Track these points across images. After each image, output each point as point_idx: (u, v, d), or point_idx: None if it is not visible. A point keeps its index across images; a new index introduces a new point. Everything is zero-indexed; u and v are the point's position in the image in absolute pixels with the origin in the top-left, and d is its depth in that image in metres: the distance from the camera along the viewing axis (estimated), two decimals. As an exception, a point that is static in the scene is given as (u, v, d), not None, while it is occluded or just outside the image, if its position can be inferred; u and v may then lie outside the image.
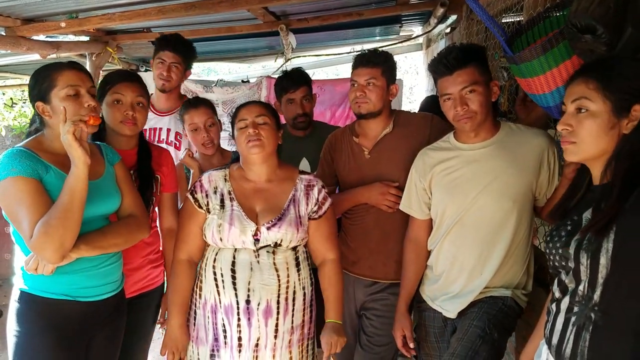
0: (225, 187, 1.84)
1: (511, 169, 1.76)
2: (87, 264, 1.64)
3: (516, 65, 1.57)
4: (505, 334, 1.80)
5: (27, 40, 3.47)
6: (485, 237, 1.81)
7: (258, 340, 1.77)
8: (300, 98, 2.58)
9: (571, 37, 1.38)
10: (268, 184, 1.87)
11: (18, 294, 1.64)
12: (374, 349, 2.26)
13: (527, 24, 1.69)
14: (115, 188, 1.77)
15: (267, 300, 1.76)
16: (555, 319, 1.30)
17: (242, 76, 6.28)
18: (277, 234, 1.77)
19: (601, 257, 1.16)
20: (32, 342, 1.60)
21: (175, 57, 2.69)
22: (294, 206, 1.84)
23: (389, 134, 2.16)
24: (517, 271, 1.86)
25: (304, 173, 1.93)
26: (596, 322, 1.18)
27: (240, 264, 1.76)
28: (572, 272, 1.25)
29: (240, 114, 1.85)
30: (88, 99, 1.64)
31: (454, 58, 1.72)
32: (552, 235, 1.34)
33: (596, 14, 1.30)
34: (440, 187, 1.89)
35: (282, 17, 4.09)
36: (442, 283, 1.94)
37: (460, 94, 1.74)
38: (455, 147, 1.88)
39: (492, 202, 1.78)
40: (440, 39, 4.94)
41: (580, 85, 1.25)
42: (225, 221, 1.76)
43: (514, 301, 1.84)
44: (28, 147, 1.59)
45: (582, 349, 1.20)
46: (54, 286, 1.62)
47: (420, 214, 2.00)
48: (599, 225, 1.17)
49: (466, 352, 1.70)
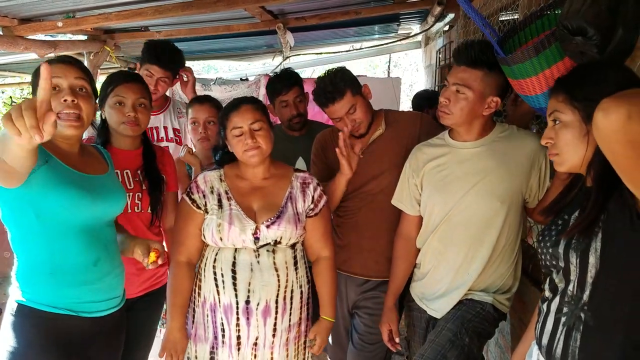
0: (222, 187, 1.84)
1: (501, 170, 1.77)
2: (92, 276, 1.56)
3: (508, 66, 1.56)
4: (479, 340, 1.79)
5: (24, 39, 3.47)
6: (472, 236, 1.82)
7: (257, 339, 1.78)
8: (293, 99, 2.58)
9: (562, 38, 1.38)
10: (264, 181, 1.87)
11: (15, 306, 1.52)
12: (367, 347, 2.28)
13: (519, 25, 1.68)
14: (120, 187, 1.74)
15: (267, 300, 1.76)
16: (546, 320, 1.30)
17: (242, 74, 6.29)
18: (277, 232, 1.77)
19: (590, 256, 1.17)
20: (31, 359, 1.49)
21: (163, 73, 2.68)
22: (291, 203, 1.85)
23: (382, 134, 2.18)
24: (503, 273, 1.86)
25: (298, 171, 1.94)
26: (586, 322, 1.19)
27: (241, 265, 1.76)
28: (562, 272, 1.26)
29: (233, 120, 1.81)
30: (66, 94, 1.52)
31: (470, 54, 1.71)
32: (544, 234, 1.35)
33: (587, 15, 1.30)
34: (431, 184, 1.90)
35: (280, 16, 4.09)
36: (428, 281, 1.96)
37: (452, 89, 1.75)
38: (448, 144, 1.89)
39: (479, 202, 1.79)
40: (439, 37, 4.94)
41: (552, 100, 1.30)
42: (224, 221, 1.76)
43: (493, 307, 1.83)
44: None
45: (573, 350, 1.21)
46: (57, 299, 1.52)
47: (411, 209, 2.01)
48: (581, 227, 1.19)
49: (435, 355, 1.71)
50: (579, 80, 1.25)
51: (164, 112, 2.86)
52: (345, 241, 2.29)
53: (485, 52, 1.68)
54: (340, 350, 2.46)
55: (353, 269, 2.26)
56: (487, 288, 1.85)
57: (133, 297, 2.01)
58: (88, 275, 1.55)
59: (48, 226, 1.49)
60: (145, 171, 2.03)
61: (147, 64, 2.65)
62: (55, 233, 1.50)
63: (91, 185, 1.58)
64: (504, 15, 2.88)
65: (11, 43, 3.36)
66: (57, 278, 1.51)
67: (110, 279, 1.63)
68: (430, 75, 5.47)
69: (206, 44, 5.03)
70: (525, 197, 1.82)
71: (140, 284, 2.04)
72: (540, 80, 1.50)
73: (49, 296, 1.51)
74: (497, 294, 1.85)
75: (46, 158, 1.47)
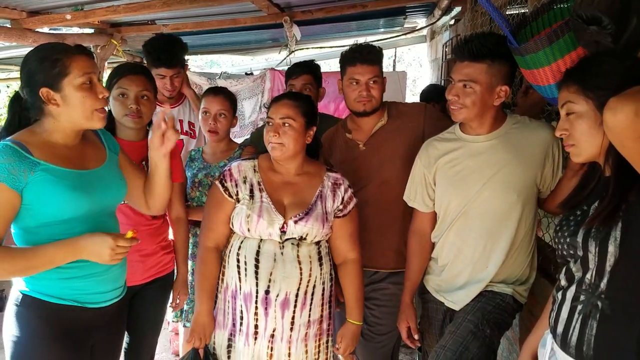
0: (255, 178, 1.85)
1: (515, 162, 1.76)
2: (98, 267, 1.55)
3: (521, 56, 1.56)
4: (499, 331, 1.80)
5: (32, 32, 3.49)
6: (489, 229, 1.81)
7: (274, 331, 1.79)
8: (301, 85, 2.63)
9: (577, 28, 1.38)
10: (296, 177, 1.88)
11: (20, 296, 1.52)
12: (376, 338, 2.29)
13: (531, 15, 1.68)
14: (119, 175, 1.69)
15: (287, 292, 1.77)
16: (561, 308, 1.30)
17: (246, 68, 6.29)
18: (304, 228, 1.78)
19: (610, 245, 1.17)
20: (36, 349, 1.51)
21: (172, 70, 2.67)
22: (321, 202, 1.85)
23: (384, 125, 2.18)
24: (521, 264, 1.86)
25: (331, 170, 1.94)
26: (603, 310, 1.19)
27: (265, 254, 1.77)
28: (580, 260, 1.26)
29: (271, 109, 1.85)
30: (102, 89, 1.54)
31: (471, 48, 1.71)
32: (562, 224, 1.35)
33: (602, 5, 1.31)
34: (445, 179, 1.89)
35: (286, 9, 4.09)
36: (446, 275, 1.95)
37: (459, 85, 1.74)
38: (460, 138, 1.88)
39: (496, 195, 1.78)
40: (445, 30, 4.93)
41: (564, 91, 1.30)
42: (254, 212, 1.77)
43: (512, 298, 1.83)
44: (19, 140, 1.45)
45: (589, 338, 1.21)
46: (63, 291, 1.52)
47: (423, 207, 2.00)
48: (602, 216, 1.19)
49: (457, 347, 1.71)
50: (589, 70, 1.25)
51: (180, 105, 2.86)
52: None
53: (485, 44, 1.68)
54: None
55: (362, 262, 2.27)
56: (506, 279, 1.85)
57: (138, 284, 2.04)
58: (95, 268, 1.55)
59: (50, 227, 1.49)
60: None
61: (154, 69, 2.64)
62: (58, 232, 1.49)
63: (88, 181, 1.55)
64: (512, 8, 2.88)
65: (20, 36, 3.37)
66: (65, 272, 1.51)
67: (115, 270, 1.64)
68: (436, 69, 5.46)
69: (211, 38, 5.03)
70: (539, 188, 1.82)
71: (144, 272, 2.06)
72: (554, 70, 1.50)
73: (55, 288, 1.52)
74: (515, 285, 1.86)
75: (33, 167, 1.43)
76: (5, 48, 4.45)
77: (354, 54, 2.12)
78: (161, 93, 2.71)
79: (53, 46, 1.53)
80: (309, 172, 1.90)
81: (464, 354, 1.69)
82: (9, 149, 1.42)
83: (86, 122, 1.54)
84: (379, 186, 2.18)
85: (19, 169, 1.41)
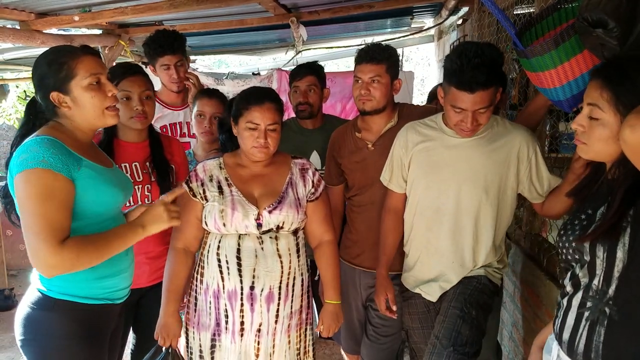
0: (222, 175, 1.86)
1: (487, 161, 1.84)
2: (125, 264, 1.63)
3: (527, 59, 1.56)
4: (483, 312, 1.89)
5: (41, 34, 3.51)
6: (459, 224, 1.89)
7: (260, 326, 1.81)
8: (305, 87, 2.62)
9: (582, 31, 1.38)
10: (264, 169, 1.89)
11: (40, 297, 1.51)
12: (380, 340, 2.30)
13: (537, 17, 1.68)
14: (127, 177, 1.78)
15: (270, 286, 1.79)
16: (566, 315, 1.28)
17: (253, 68, 6.31)
18: (279, 217, 1.80)
19: (618, 250, 1.16)
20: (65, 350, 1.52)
21: (176, 57, 2.65)
22: (292, 189, 1.87)
23: (393, 127, 2.18)
24: (492, 252, 1.94)
25: (295, 157, 1.95)
26: (611, 317, 1.17)
27: (245, 251, 1.78)
28: (587, 266, 1.24)
29: (252, 114, 1.77)
30: (110, 87, 1.55)
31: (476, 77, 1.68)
32: (566, 228, 1.33)
33: (607, 8, 1.30)
34: (420, 167, 1.95)
35: (293, 10, 4.09)
36: (417, 269, 2.03)
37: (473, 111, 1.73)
38: (440, 128, 1.93)
39: (466, 191, 1.86)
40: (452, 30, 4.92)
41: (597, 91, 1.23)
42: (227, 206, 1.78)
43: (487, 279, 1.94)
44: (54, 136, 1.45)
45: (597, 345, 1.19)
46: (95, 291, 1.56)
47: (398, 188, 2.06)
48: (605, 227, 1.18)
49: (450, 334, 1.80)
50: (626, 81, 1.18)
51: (186, 108, 2.85)
52: (358, 236, 2.31)
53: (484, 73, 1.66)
54: (354, 343, 2.48)
55: (366, 263, 2.28)
56: (476, 264, 1.94)
57: (144, 286, 2.05)
58: (122, 264, 1.62)
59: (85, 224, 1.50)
60: (153, 162, 2.05)
61: (158, 59, 2.64)
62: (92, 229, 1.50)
63: (118, 178, 1.63)
64: (519, 9, 2.87)
65: (28, 37, 3.40)
66: (100, 271, 1.54)
67: (132, 266, 1.72)
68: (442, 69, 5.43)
69: (218, 39, 5.05)
70: (519, 191, 1.89)
71: (151, 274, 2.07)
72: (560, 73, 1.50)
73: (90, 289, 1.55)
74: (487, 267, 1.95)
75: (79, 163, 1.47)
76: (15, 49, 4.49)
77: (362, 52, 2.14)
78: (169, 92, 2.72)
79: (59, 49, 1.55)
80: (275, 161, 1.91)
81: (457, 339, 1.78)
82: (56, 143, 1.44)
83: (99, 121, 1.57)
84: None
85: (70, 162, 1.44)
